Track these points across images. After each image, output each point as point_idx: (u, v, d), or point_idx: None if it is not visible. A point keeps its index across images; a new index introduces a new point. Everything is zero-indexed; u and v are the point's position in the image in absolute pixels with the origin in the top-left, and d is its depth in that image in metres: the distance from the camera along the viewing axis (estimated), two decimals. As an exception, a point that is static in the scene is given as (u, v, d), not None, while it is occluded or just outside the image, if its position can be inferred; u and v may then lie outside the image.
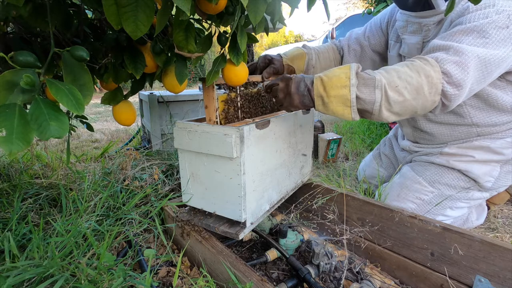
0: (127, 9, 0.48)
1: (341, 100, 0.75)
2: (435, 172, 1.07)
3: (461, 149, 1.05)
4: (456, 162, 1.04)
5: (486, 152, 1.02)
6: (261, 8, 0.59)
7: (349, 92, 0.74)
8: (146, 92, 1.96)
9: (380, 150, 1.45)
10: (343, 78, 0.74)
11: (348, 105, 0.75)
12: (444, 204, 1.05)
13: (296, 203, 1.12)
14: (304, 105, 0.78)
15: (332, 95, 0.75)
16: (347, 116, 0.76)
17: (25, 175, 1.12)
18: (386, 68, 0.78)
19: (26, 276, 0.57)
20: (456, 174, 1.05)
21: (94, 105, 5.35)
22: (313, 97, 0.77)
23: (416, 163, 1.17)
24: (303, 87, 0.77)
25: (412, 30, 1.03)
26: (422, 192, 1.07)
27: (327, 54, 1.25)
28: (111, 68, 0.75)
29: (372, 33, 1.25)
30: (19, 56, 0.46)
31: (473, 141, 1.04)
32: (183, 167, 0.82)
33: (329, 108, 0.76)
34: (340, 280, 0.76)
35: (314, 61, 1.20)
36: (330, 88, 0.75)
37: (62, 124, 0.43)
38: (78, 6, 0.71)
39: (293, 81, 0.78)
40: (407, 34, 1.05)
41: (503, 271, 0.66)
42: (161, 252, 0.85)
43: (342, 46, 1.29)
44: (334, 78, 0.75)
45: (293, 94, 0.77)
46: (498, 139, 1.01)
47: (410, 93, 0.74)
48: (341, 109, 0.75)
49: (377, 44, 1.25)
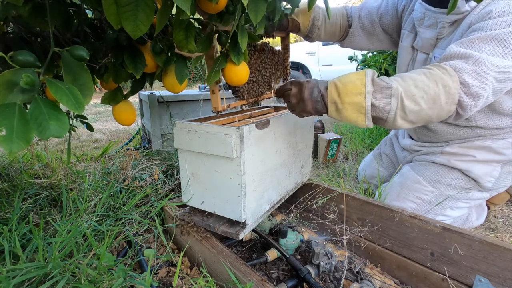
0: (127, 9, 0.47)
1: (355, 107, 0.73)
2: (436, 171, 1.07)
3: (463, 148, 1.04)
4: (457, 162, 1.04)
5: (488, 152, 1.01)
6: (262, 7, 0.59)
7: (364, 100, 0.72)
8: (146, 92, 1.96)
9: (380, 149, 1.45)
10: (358, 85, 0.73)
11: (362, 112, 0.73)
12: (444, 204, 1.04)
13: (296, 203, 1.11)
14: (317, 111, 0.77)
15: (347, 101, 0.73)
16: (360, 123, 0.75)
17: (25, 175, 1.12)
18: (403, 76, 0.76)
19: (27, 277, 0.57)
20: (457, 174, 1.05)
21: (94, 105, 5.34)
22: (327, 103, 0.75)
23: (416, 163, 1.16)
24: (317, 93, 0.75)
25: (428, 24, 1.00)
26: (422, 191, 1.06)
27: (334, 18, 1.18)
28: (111, 67, 0.75)
29: (387, 11, 1.17)
30: (18, 56, 0.46)
31: (475, 141, 1.03)
32: (183, 167, 0.82)
33: (343, 115, 0.75)
34: (340, 280, 0.76)
35: (320, 23, 1.13)
36: (344, 94, 0.73)
37: (62, 123, 0.43)
38: (78, 6, 0.71)
39: (306, 86, 0.76)
40: (423, 28, 1.02)
41: (503, 271, 0.66)
42: (161, 252, 0.85)
43: (353, 15, 1.20)
44: (349, 84, 0.73)
45: (306, 100, 0.75)
46: (500, 140, 1.01)
47: (427, 102, 0.73)
48: (355, 116, 0.74)
49: (388, 24, 1.18)
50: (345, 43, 1.28)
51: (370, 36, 1.22)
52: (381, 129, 2.42)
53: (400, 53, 1.15)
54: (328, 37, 1.22)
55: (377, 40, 1.23)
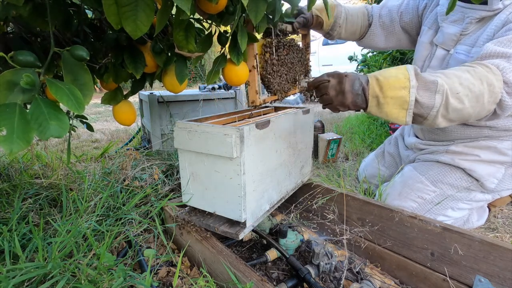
0: (127, 9, 0.48)
1: (398, 102, 0.71)
2: (438, 171, 1.07)
3: (468, 148, 1.04)
4: (462, 161, 1.03)
5: (492, 153, 1.01)
6: (262, 7, 0.59)
7: (409, 94, 0.70)
8: (146, 92, 1.96)
9: (384, 148, 1.44)
10: (401, 79, 0.70)
11: (405, 107, 0.71)
12: (446, 205, 1.04)
13: (296, 203, 1.12)
14: (355, 105, 0.74)
15: (389, 96, 0.71)
16: (400, 119, 0.73)
17: (25, 175, 1.12)
18: (445, 72, 0.75)
19: (27, 277, 0.57)
20: (460, 174, 1.04)
21: (94, 105, 5.34)
22: (368, 97, 0.73)
23: (419, 162, 1.16)
24: (358, 86, 0.72)
25: (454, 20, 0.98)
26: (424, 191, 1.06)
27: (355, 17, 1.18)
28: (111, 68, 0.75)
29: (407, 10, 1.17)
30: (19, 56, 0.46)
31: (480, 140, 1.03)
32: (183, 167, 0.82)
33: (383, 110, 0.73)
34: (340, 280, 0.76)
35: (342, 21, 1.14)
36: (387, 88, 0.71)
37: (62, 123, 0.43)
38: (78, 6, 0.71)
39: (347, 78, 0.72)
40: (447, 23, 1.00)
41: (503, 271, 0.66)
42: (161, 252, 0.85)
43: (373, 14, 1.21)
44: (391, 78, 0.71)
45: (346, 92, 0.72)
46: (506, 141, 1.01)
47: (470, 101, 0.72)
48: (396, 111, 0.72)
49: (408, 23, 1.17)
50: (363, 42, 1.28)
51: (389, 35, 1.22)
52: (381, 129, 2.42)
53: (418, 49, 1.14)
54: (349, 35, 1.22)
55: (396, 39, 1.23)
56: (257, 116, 1.00)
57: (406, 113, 0.72)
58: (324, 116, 3.47)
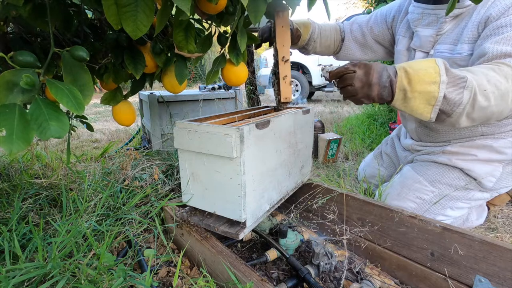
0: (127, 9, 0.48)
1: (425, 97, 0.68)
2: (436, 171, 1.07)
3: (464, 147, 1.04)
4: (459, 161, 1.04)
5: (489, 152, 1.01)
6: (261, 8, 0.59)
7: (438, 90, 0.67)
8: (146, 92, 1.96)
9: (381, 149, 1.45)
10: (431, 73, 0.68)
11: (431, 103, 0.69)
12: (445, 204, 1.04)
13: (296, 203, 1.12)
14: (381, 98, 0.70)
15: (418, 90, 0.68)
16: (425, 115, 0.71)
17: (25, 175, 1.12)
18: (471, 69, 0.73)
19: (27, 277, 0.57)
20: (458, 173, 1.05)
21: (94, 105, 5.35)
22: (395, 90, 0.69)
23: (417, 163, 1.16)
24: (386, 78, 0.69)
25: (427, 23, 1.00)
26: (422, 191, 1.06)
27: (329, 33, 1.25)
28: (111, 68, 0.75)
29: (376, 23, 1.23)
30: (19, 56, 0.46)
31: (476, 140, 1.03)
32: (183, 167, 0.82)
33: (409, 105, 0.70)
34: (340, 280, 0.76)
35: (316, 36, 1.19)
36: (416, 82, 0.68)
37: (62, 124, 0.43)
38: (78, 6, 0.71)
39: (375, 69, 0.69)
40: (421, 27, 1.03)
41: (503, 271, 0.66)
42: (161, 252, 0.85)
43: (345, 30, 1.28)
44: (421, 71, 0.68)
45: (373, 84, 0.68)
46: (501, 139, 1.01)
47: (496, 99, 0.70)
48: (422, 107, 0.69)
49: (379, 35, 1.23)
50: (340, 55, 1.35)
51: (363, 48, 1.28)
52: (381, 129, 2.42)
53: (397, 57, 1.18)
54: (323, 49, 1.29)
55: (371, 51, 1.29)
56: (257, 116, 1.00)
57: (432, 109, 0.69)
58: (324, 116, 3.47)
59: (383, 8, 1.25)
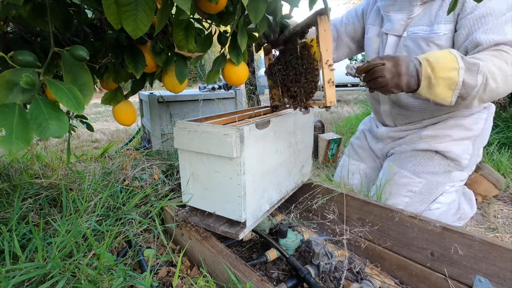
0: (127, 8, 0.47)
1: (447, 82, 0.76)
2: (417, 162, 1.11)
3: (439, 130, 1.10)
4: (437, 144, 1.08)
5: (461, 130, 1.07)
6: (262, 7, 0.59)
7: (458, 75, 0.76)
8: (146, 92, 1.96)
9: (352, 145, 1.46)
10: (450, 61, 0.76)
11: (452, 88, 0.77)
12: (435, 192, 1.08)
13: (296, 203, 1.11)
14: (409, 86, 0.77)
15: (441, 77, 0.76)
16: (447, 100, 0.79)
17: (25, 175, 1.12)
18: (478, 56, 0.81)
19: (27, 277, 0.57)
20: (437, 159, 1.09)
21: (94, 105, 5.35)
22: (421, 78, 0.76)
23: (396, 155, 1.19)
24: (412, 68, 0.76)
25: (399, 8, 1.08)
26: (411, 184, 1.10)
27: None
28: (111, 67, 0.75)
29: (348, 20, 1.32)
30: (18, 56, 0.46)
31: (449, 121, 1.09)
32: (183, 167, 0.82)
33: (433, 91, 0.77)
34: (340, 280, 0.76)
35: None
36: (438, 69, 0.75)
37: (62, 123, 0.43)
38: (78, 6, 0.71)
39: (403, 60, 0.75)
40: (393, 12, 1.10)
41: (503, 271, 0.66)
42: (161, 252, 0.85)
43: None
44: (440, 59, 0.76)
45: (402, 74, 0.75)
46: (468, 117, 1.08)
47: (502, 81, 0.79)
48: (444, 92, 0.77)
49: (352, 31, 1.32)
50: None
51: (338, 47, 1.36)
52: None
53: (367, 44, 1.24)
54: None
55: (346, 47, 1.36)
56: (257, 116, 1.00)
57: (452, 94, 0.77)
58: (324, 116, 3.47)
59: (351, 9, 1.36)
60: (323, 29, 0.65)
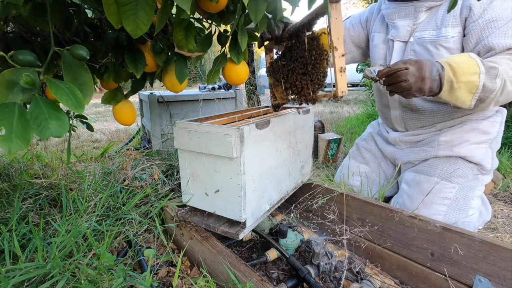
0: (127, 8, 0.47)
1: (468, 86, 0.77)
2: (444, 168, 1.06)
3: (456, 134, 1.07)
4: (459, 150, 1.05)
5: (478, 134, 1.06)
6: (262, 6, 0.59)
7: (479, 79, 0.77)
8: (146, 92, 1.96)
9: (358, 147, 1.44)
10: (471, 65, 0.77)
11: (472, 92, 0.78)
12: (469, 196, 1.02)
13: (296, 203, 1.11)
14: (431, 90, 0.78)
15: (463, 81, 0.77)
16: (466, 103, 0.80)
17: (25, 175, 1.12)
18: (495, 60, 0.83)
19: (27, 277, 0.57)
20: (463, 164, 1.06)
21: (94, 105, 5.35)
22: (443, 82, 0.78)
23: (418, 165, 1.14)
24: (435, 72, 0.77)
25: (404, 15, 1.09)
26: (444, 191, 1.03)
27: None
28: (111, 67, 0.75)
29: (352, 26, 1.32)
30: (19, 55, 0.46)
31: (463, 125, 1.07)
32: (183, 167, 0.82)
33: (454, 95, 0.79)
34: (340, 280, 0.76)
35: None
36: (460, 74, 0.76)
37: (62, 123, 0.43)
38: (78, 6, 0.71)
39: (426, 65, 0.76)
40: (398, 19, 1.10)
41: (503, 271, 0.66)
42: (161, 252, 0.85)
43: None
44: (462, 64, 0.77)
45: (426, 78, 0.76)
46: (483, 120, 1.07)
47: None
48: (465, 95, 0.79)
49: (356, 37, 1.32)
50: None
51: None
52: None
53: (374, 51, 1.23)
54: None
55: (349, 53, 1.35)
56: (257, 116, 1.00)
57: (472, 97, 0.79)
58: (324, 116, 3.47)
59: (355, 15, 1.35)
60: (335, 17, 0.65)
